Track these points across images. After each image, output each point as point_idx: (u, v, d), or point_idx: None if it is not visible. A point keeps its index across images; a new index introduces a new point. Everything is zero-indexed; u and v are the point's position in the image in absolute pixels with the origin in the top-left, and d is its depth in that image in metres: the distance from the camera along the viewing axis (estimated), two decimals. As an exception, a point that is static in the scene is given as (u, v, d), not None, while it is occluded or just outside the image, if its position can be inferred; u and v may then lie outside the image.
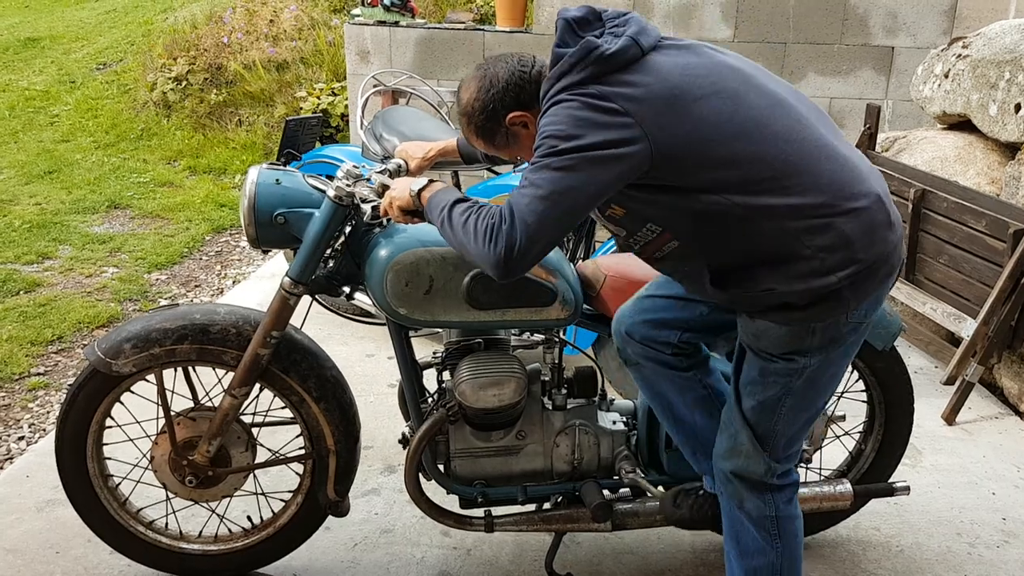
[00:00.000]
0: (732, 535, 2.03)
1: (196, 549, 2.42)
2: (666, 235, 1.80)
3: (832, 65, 5.72)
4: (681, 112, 1.66)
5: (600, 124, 1.63)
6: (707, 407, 2.14)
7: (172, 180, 6.86)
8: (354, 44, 6.23)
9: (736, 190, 1.68)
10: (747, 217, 1.69)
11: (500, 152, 1.96)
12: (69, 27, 10.90)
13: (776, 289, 1.74)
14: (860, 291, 1.75)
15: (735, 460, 1.96)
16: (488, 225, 1.70)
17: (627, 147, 1.63)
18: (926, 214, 3.87)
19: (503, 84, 1.84)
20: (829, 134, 1.78)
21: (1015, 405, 3.63)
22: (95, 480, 2.33)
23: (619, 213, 1.82)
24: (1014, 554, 2.68)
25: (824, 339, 1.80)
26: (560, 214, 1.66)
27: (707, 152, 1.67)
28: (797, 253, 1.70)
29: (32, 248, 5.23)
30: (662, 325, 2.10)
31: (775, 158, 1.69)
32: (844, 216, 1.70)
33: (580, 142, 1.63)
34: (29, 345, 4.01)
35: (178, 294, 4.82)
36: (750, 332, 1.86)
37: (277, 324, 2.16)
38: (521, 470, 2.32)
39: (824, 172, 1.71)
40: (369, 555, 2.58)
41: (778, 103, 1.75)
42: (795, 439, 1.95)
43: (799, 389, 1.86)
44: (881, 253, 1.74)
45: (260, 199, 2.11)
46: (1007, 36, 4.09)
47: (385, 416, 3.35)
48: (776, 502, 1.97)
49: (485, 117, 1.87)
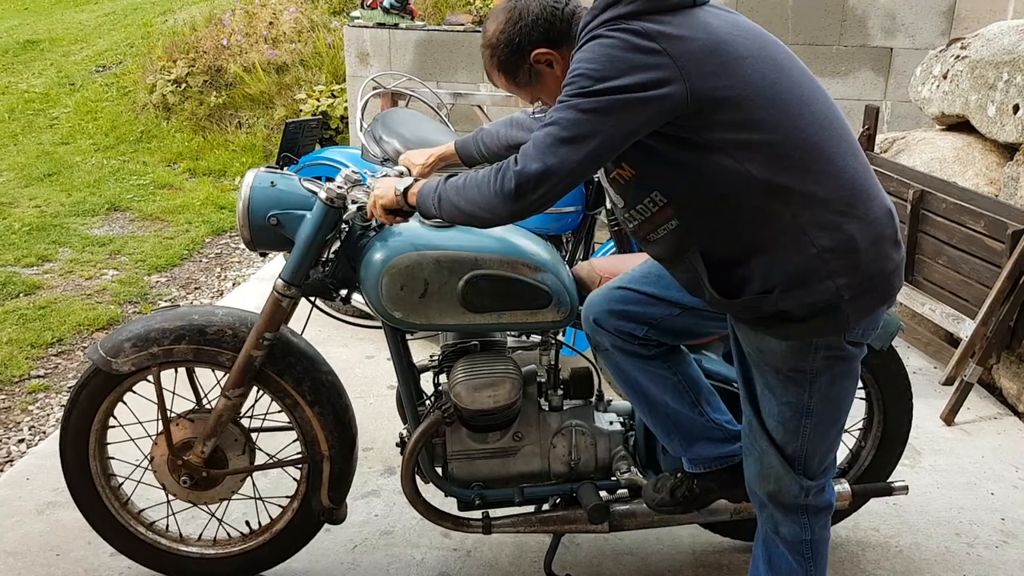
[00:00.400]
0: (765, 556, 1.98)
1: (195, 552, 2.42)
2: (668, 210, 1.72)
3: (831, 66, 5.73)
4: (724, 63, 1.59)
5: (637, 65, 1.55)
6: (677, 391, 2.10)
7: (172, 182, 6.87)
8: (354, 46, 6.24)
9: (758, 160, 1.61)
10: (760, 194, 1.63)
11: (520, 91, 1.90)
12: (68, 29, 10.92)
13: (773, 292, 1.67)
14: (859, 307, 1.69)
15: (767, 484, 1.90)
16: (495, 170, 1.66)
17: (662, 88, 1.55)
18: (925, 215, 3.87)
19: (533, 18, 1.79)
20: (852, 133, 1.74)
21: (1014, 405, 3.63)
22: (97, 479, 2.34)
23: (627, 175, 1.74)
24: (1013, 554, 2.68)
25: (827, 356, 1.74)
26: (582, 158, 1.60)
27: (742, 110, 1.60)
28: (801, 249, 1.64)
29: (32, 250, 5.24)
30: (630, 317, 2.06)
31: (807, 139, 1.63)
32: (856, 220, 1.65)
33: (613, 83, 1.55)
34: (29, 348, 4.02)
35: (178, 296, 4.83)
36: (753, 347, 1.81)
37: (270, 326, 2.16)
38: (518, 471, 2.32)
39: (848, 168, 1.67)
40: (369, 557, 2.58)
41: (817, 87, 1.71)
42: (827, 454, 1.89)
43: (817, 408, 1.80)
44: (883, 269, 1.69)
45: (255, 201, 2.11)
46: (1005, 37, 4.09)
47: (385, 418, 3.35)
48: (812, 525, 1.92)
49: (510, 51, 1.82)
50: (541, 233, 3.40)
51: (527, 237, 2.24)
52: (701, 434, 2.13)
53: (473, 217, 1.73)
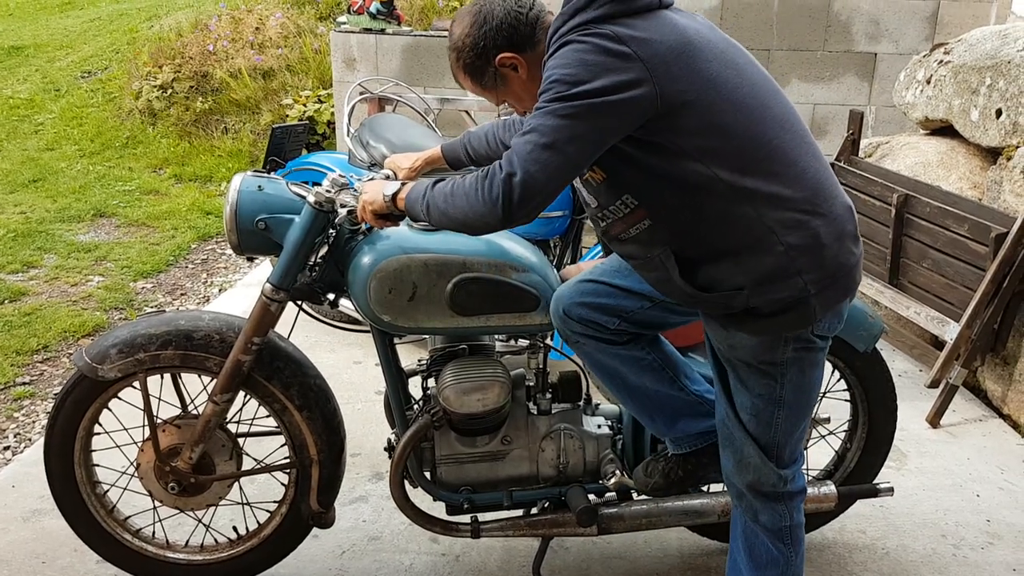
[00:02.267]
0: (745, 548, 2.02)
1: (181, 559, 2.41)
2: (640, 211, 1.76)
3: (815, 71, 5.76)
4: (691, 66, 1.63)
5: (610, 68, 1.59)
6: (654, 370, 2.12)
7: (158, 188, 6.84)
8: (340, 51, 6.24)
9: (725, 164, 1.66)
10: (728, 197, 1.68)
11: (486, 94, 1.92)
12: (54, 35, 10.87)
13: (744, 290, 1.72)
14: (824, 301, 1.75)
15: (746, 474, 1.95)
16: (477, 178, 1.67)
17: (634, 90, 1.59)
18: (909, 219, 3.90)
19: (497, 22, 1.81)
20: (811, 135, 1.80)
21: (999, 407, 3.66)
22: (83, 486, 2.33)
23: (598, 178, 1.78)
24: (999, 556, 2.69)
25: (796, 348, 1.80)
26: (564, 162, 1.62)
27: (706, 114, 1.64)
28: (769, 248, 1.70)
29: (17, 257, 5.20)
30: (601, 310, 2.07)
31: (770, 141, 1.69)
32: (820, 218, 1.71)
33: (588, 87, 1.58)
34: (14, 354, 3.99)
35: (164, 302, 4.81)
36: (725, 343, 1.86)
37: (258, 331, 2.15)
38: (507, 475, 2.32)
39: (810, 168, 1.72)
40: (357, 563, 2.57)
41: (776, 91, 1.76)
42: (797, 442, 1.95)
43: (788, 399, 1.86)
44: (845, 264, 1.76)
45: (242, 206, 2.10)
46: (988, 42, 4.13)
47: (373, 423, 3.35)
48: (790, 511, 1.97)
49: (475, 54, 1.84)
50: (529, 237, 3.41)
51: (515, 240, 2.25)
52: (684, 410, 2.15)
53: (462, 225, 1.75)
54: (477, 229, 1.74)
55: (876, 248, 4.12)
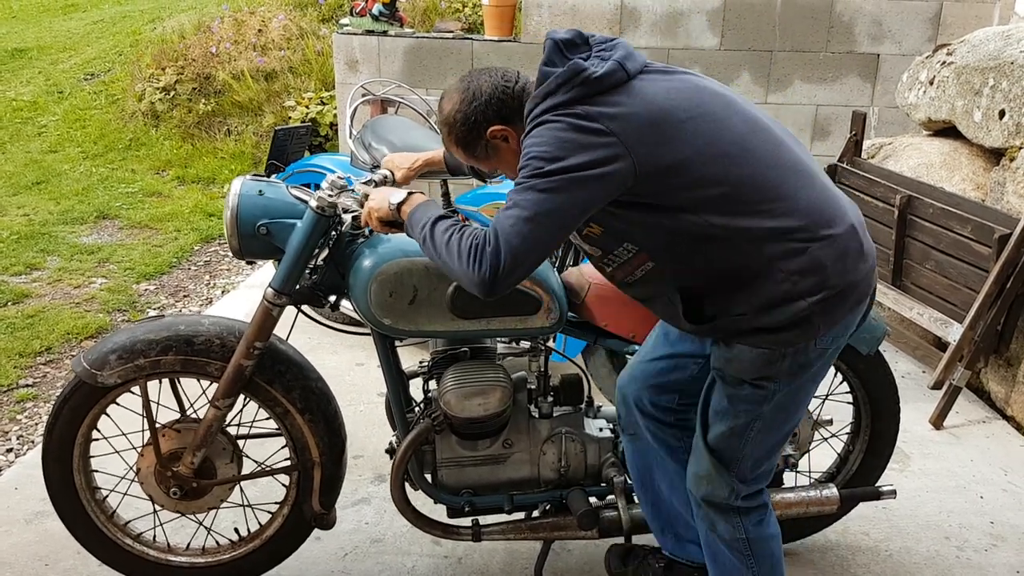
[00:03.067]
0: (710, 556, 2.06)
1: (184, 562, 2.41)
2: (642, 255, 1.81)
3: (818, 73, 5.75)
4: (665, 132, 1.68)
5: (584, 145, 1.64)
6: (678, 478, 2.15)
7: (160, 190, 6.85)
8: (343, 53, 6.24)
9: (716, 210, 1.69)
10: (726, 238, 1.71)
11: (480, 164, 1.97)
12: (57, 37, 10.89)
13: (747, 315, 1.75)
14: (829, 317, 1.76)
15: (700, 486, 1.98)
16: (472, 245, 1.71)
17: (611, 165, 1.64)
18: (912, 220, 3.89)
19: (486, 97, 1.85)
20: (807, 160, 1.81)
21: (1002, 409, 3.65)
22: (82, 492, 2.32)
23: (596, 232, 1.83)
24: (1002, 558, 2.69)
25: (794, 364, 1.81)
26: (545, 234, 1.68)
27: (690, 171, 1.68)
28: (771, 277, 1.72)
29: (20, 259, 5.21)
30: (662, 389, 2.13)
31: (756, 181, 1.71)
32: (819, 242, 1.72)
33: (565, 163, 1.64)
34: (17, 356, 4.00)
35: (167, 304, 4.81)
36: (723, 357, 1.87)
37: (260, 335, 2.15)
38: (508, 479, 2.32)
39: (802, 198, 1.74)
40: (359, 565, 2.57)
41: (760, 128, 1.77)
42: (763, 461, 1.96)
43: (768, 414, 1.87)
44: (852, 281, 1.76)
45: (243, 210, 2.10)
46: (991, 43, 4.12)
47: (375, 425, 3.34)
48: (745, 525, 1.98)
49: (466, 129, 1.88)
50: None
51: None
52: (695, 539, 2.17)
53: (451, 275, 1.81)
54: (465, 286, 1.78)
55: (879, 249, 4.11)
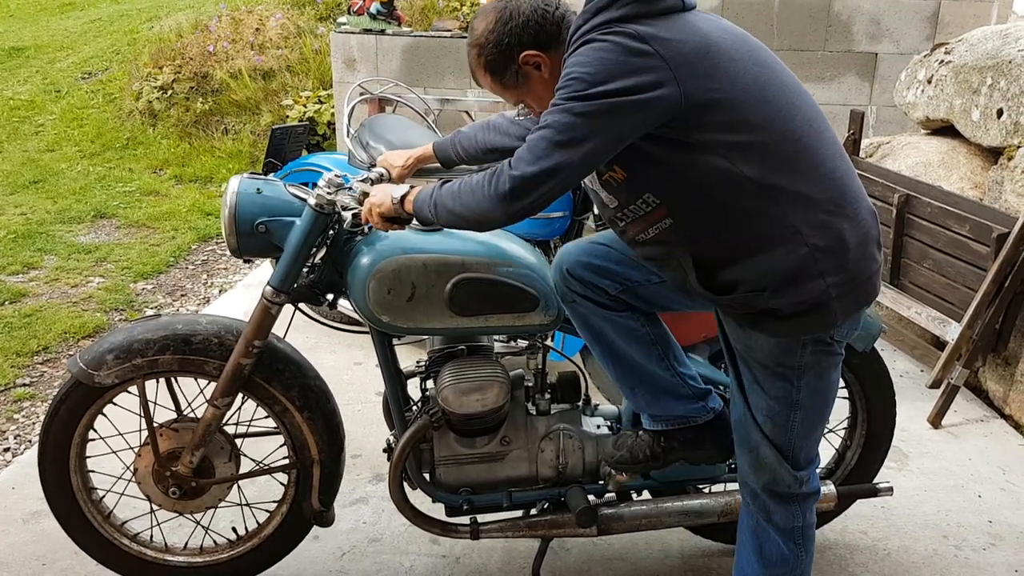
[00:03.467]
0: (755, 546, 2.01)
1: (181, 561, 2.40)
2: (661, 209, 1.73)
3: (816, 71, 5.76)
4: (716, 65, 1.61)
5: (631, 69, 1.56)
6: (644, 346, 2.09)
7: (158, 189, 6.84)
8: (340, 52, 6.24)
9: (752, 161, 1.63)
10: (754, 195, 1.65)
11: (505, 92, 1.89)
12: (54, 36, 10.87)
13: (765, 291, 1.70)
14: (846, 304, 1.73)
15: (763, 475, 1.93)
16: (491, 174, 1.67)
17: (656, 91, 1.56)
18: (910, 219, 3.89)
19: (523, 19, 1.78)
20: (837, 138, 1.78)
21: (1000, 408, 3.65)
22: (78, 493, 2.31)
23: (619, 177, 1.74)
24: (1000, 557, 2.69)
25: (815, 352, 1.78)
26: (576, 161, 1.61)
27: (734, 111, 1.62)
28: (793, 248, 1.67)
29: (17, 258, 5.20)
30: (605, 274, 2.04)
31: (798, 140, 1.66)
32: (846, 220, 1.69)
33: (607, 87, 1.55)
34: (14, 356, 3.99)
35: (164, 303, 4.80)
36: (742, 343, 1.84)
37: (259, 333, 2.15)
38: (506, 476, 2.31)
39: (837, 169, 1.70)
40: (357, 564, 2.57)
41: (804, 91, 1.74)
42: (813, 445, 1.94)
43: (804, 402, 1.84)
44: (867, 270, 1.74)
45: (241, 208, 2.10)
46: (989, 42, 4.12)
47: (373, 424, 3.34)
48: (803, 512, 1.97)
49: (498, 51, 1.80)
50: (529, 238, 3.40)
51: (514, 241, 2.24)
52: (667, 389, 2.13)
53: (469, 221, 1.74)
54: (483, 225, 1.74)
55: (877, 248, 4.11)
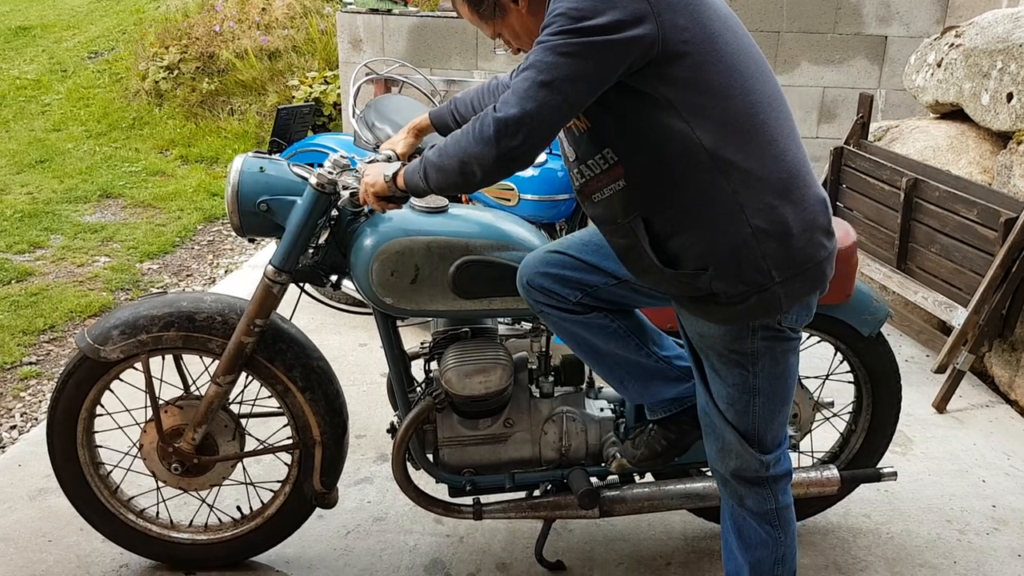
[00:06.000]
0: (735, 530, 2.03)
1: (186, 538, 2.42)
2: (617, 169, 1.73)
3: (825, 54, 5.71)
4: (695, 17, 1.62)
5: (616, 4, 1.56)
6: (620, 340, 2.09)
7: (164, 169, 6.84)
8: (347, 32, 6.21)
9: (709, 128, 1.64)
10: (706, 166, 1.66)
11: (482, 24, 1.87)
12: (60, 16, 10.86)
13: (708, 270, 1.71)
14: (791, 292, 1.73)
15: (728, 461, 1.95)
16: (475, 119, 1.65)
17: (637, 28, 1.56)
18: (918, 203, 3.87)
19: None
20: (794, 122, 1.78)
21: (1005, 393, 3.64)
22: (86, 468, 2.33)
23: (582, 127, 1.75)
24: (1004, 541, 2.69)
25: (765, 337, 1.79)
26: (559, 102, 1.59)
27: (703, 70, 1.62)
28: (737, 227, 1.68)
29: (24, 237, 5.22)
30: (563, 282, 2.05)
31: (756, 115, 1.67)
32: (790, 205, 1.69)
33: (592, 22, 1.55)
34: (21, 334, 4.01)
35: (170, 283, 4.82)
36: (695, 330, 1.85)
37: (261, 312, 2.15)
38: (509, 458, 2.32)
39: (789, 152, 1.71)
40: (361, 543, 2.58)
41: (769, 71, 1.75)
42: (779, 428, 1.95)
43: (763, 387, 1.85)
44: (813, 256, 1.73)
45: (244, 187, 2.10)
46: (999, 25, 4.08)
47: (378, 405, 3.35)
48: (775, 494, 1.97)
49: None
50: (534, 220, 3.40)
51: (518, 223, 2.24)
52: (654, 376, 2.14)
53: (459, 174, 1.71)
54: (473, 174, 1.69)
55: (884, 232, 4.10)
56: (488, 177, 1.70)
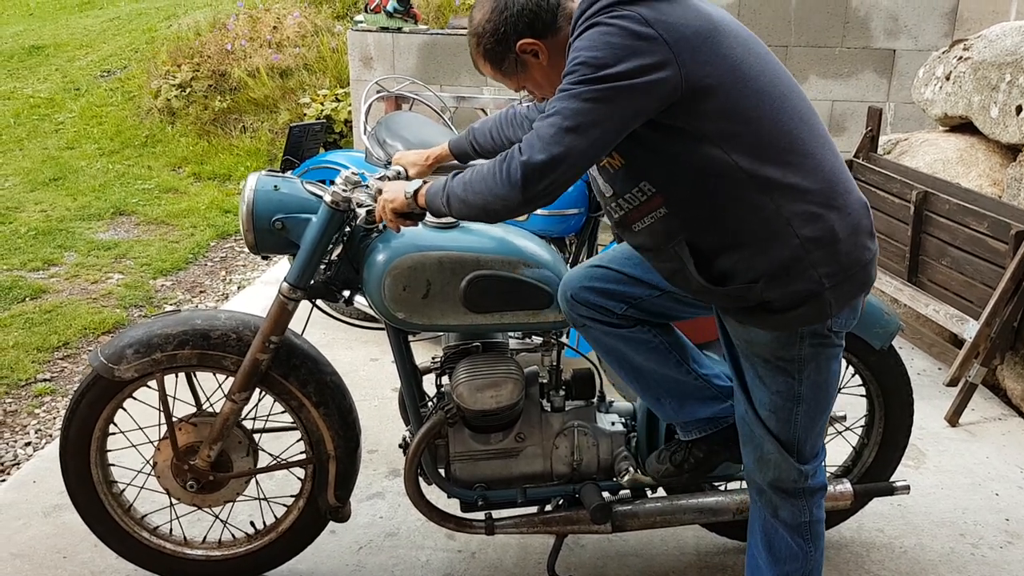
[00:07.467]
0: (765, 543, 2.02)
1: (200, 555, 2.43)
2: (657, 199, 1.75)
3: (834, 68, 5.73)
4: (716, 51, 1.63)
5: (635, 51, 1.58)
6: (661, 355, 2.11)
7: (177, 187, 6.89)
8: (357, 50, 6.26)
9: (745, 151, 1.65)
10: (746, 186, 1.67)
11: (506, 80, 1.91)
12: (73, 35, 10.97)
13: (759, 283, 1.72)
14: (840, 296, 1.74)
15: (767, 471, 1.94)
16: (500, 160, 1.68)
17: (659, 72, 1.58)
18: (928, 216, 3.87)
19: (518, 8, 1.79)
20: (826, 129, 1.80)
21: (1018, 406, 3.63)
22: (99, 486, 2.34)
23: (616, 164, 1.77)
24: (1018, 555, 2.67)
25: (813, 344, 1.80)
26: (586, 147, 1.62)
27: (731, 99, 1.64)
28: (784, 240, 1.69)
29: (38, 255, 5.26)
30: (608, 295, 2.07)
31: (789, 132, 1.69)
32: (835, 211, 1.71)
33: (612, 70, 1.57)
34: (35, 351, 4.03)
35: (183, 300, 4.84)
36: (742, 338, 1.85)
37: (276, 329, 2.17)
38: (520, 472, 2.32)
39: (827, 161, 1.73)
40: (374, 558, 2.59)
41: (795, 84, 1.77)
42: (817, 438, 1.95)
43: (806, 395, 1.85)
44: (860, 259, 1.75)
45: (258, 205, 2.12)
46: (1008, 38, 4.09)
47: (390, 420, 3.36)
48: (810, 507, 1.97)
49: (495, 40, 1.82)
50: (544, 235, 3.41)
51: (529, 238, 2.25)
52: (691, 394, 2.14)
53: (483, 210, 1.74)
54: (497, 213, 1.73)
55: (895, 245, 4.10)
56: (511, 215, 1.74)
